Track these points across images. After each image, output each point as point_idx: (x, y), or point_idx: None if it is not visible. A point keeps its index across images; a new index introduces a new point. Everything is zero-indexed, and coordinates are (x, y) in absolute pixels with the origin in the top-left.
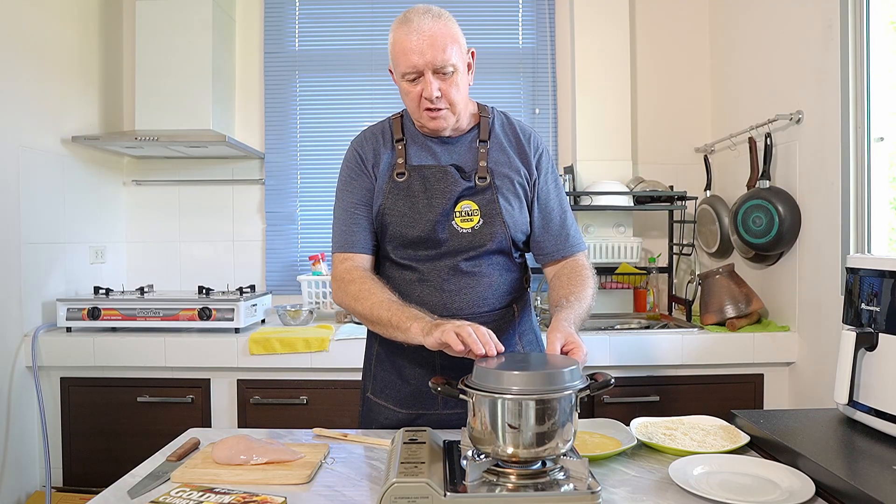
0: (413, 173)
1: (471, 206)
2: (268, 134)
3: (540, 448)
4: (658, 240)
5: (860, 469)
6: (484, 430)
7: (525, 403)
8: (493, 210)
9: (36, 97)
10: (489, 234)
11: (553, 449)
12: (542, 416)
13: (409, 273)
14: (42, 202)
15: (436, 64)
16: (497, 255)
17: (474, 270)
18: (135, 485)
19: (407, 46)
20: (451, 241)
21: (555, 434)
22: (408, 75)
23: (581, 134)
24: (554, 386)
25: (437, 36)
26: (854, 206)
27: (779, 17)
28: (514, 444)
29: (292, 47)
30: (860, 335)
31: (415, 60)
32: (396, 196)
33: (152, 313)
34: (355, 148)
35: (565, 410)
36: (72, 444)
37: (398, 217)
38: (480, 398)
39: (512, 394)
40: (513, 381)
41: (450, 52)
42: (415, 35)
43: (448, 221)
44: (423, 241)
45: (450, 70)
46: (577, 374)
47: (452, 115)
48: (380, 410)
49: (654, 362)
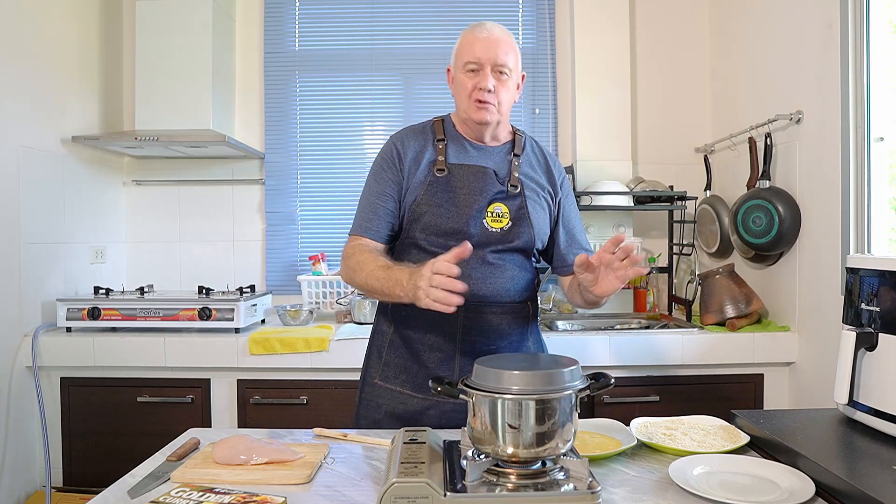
0: (453, 170)
1: (502, 209)
2: (268, 134)
3: (540, 448)
4: (658, 240)
5: (860, 469)
6: (484, 430)
7: (525, 403)
8: (522, 214)
9: (36, 97)
10: (517, 234)
11: (553, 449)
12: (542, 416)
13: None
14: (42, 202)
15: (497, 61)
16: (520, 253)
17: (498, 262)
18: (135, 485)
19: (475, 42)
20: (481, 237)
21: (555, 434)
22: (469, 64)
23: (581, 134)
24: (554, 386)
25: (504, 41)
26: (854, 206)
27: (779, 18)
28: (514, 444)
29: (292, 47)
30: (860, 335)
31: (479, 53)
32: (435, 190)
33: (152, 313)
34: (394, 142)
35: (565, 410)
36: (72, 444)
37: (434, 209)
38: (480, 398)
39: (512, 393)
40: (513, 381)
41: (511, 57)
42: (486, 33)
43: (480, 219)
44: (455, 232)
45: (506, 72)
46: (578, 374)
47: (497, 114)
48: (393, 396)
49: (654, 362)
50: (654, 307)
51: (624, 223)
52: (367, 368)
